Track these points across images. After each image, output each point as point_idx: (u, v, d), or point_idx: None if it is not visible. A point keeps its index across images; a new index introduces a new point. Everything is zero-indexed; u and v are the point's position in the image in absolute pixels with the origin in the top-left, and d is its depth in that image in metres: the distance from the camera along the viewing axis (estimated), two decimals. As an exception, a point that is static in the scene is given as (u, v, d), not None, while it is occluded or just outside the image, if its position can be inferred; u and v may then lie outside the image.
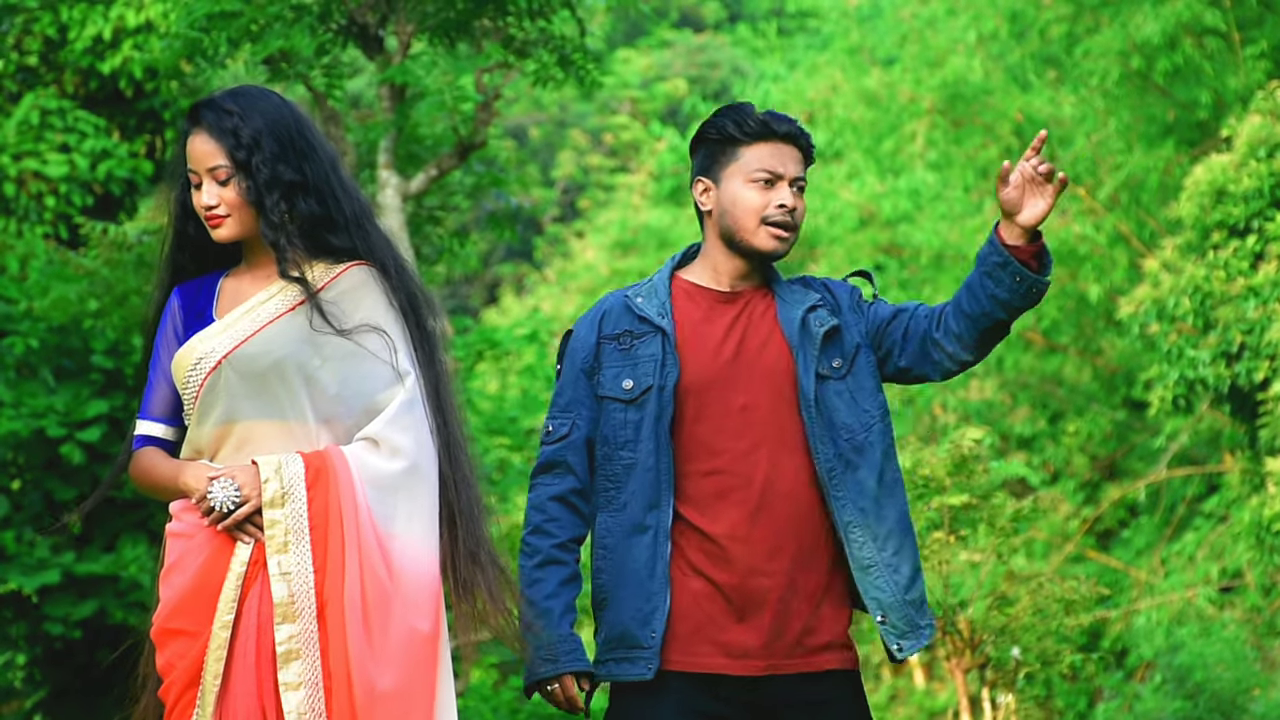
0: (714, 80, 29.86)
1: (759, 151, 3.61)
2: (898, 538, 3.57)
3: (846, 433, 3.58)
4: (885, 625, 3.54)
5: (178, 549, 3.38)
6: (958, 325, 3.55)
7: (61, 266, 10.12)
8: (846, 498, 3.55)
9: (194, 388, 3.36)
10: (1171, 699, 10.61)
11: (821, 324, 3.61)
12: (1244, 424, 11.08)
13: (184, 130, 3.43)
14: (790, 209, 3.61)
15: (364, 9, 8.58)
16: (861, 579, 3.54)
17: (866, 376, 3.63)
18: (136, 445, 3.45)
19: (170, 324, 3.44)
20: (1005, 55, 16.90)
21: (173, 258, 3.51)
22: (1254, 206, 10.69)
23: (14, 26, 13.03)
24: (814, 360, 3.59)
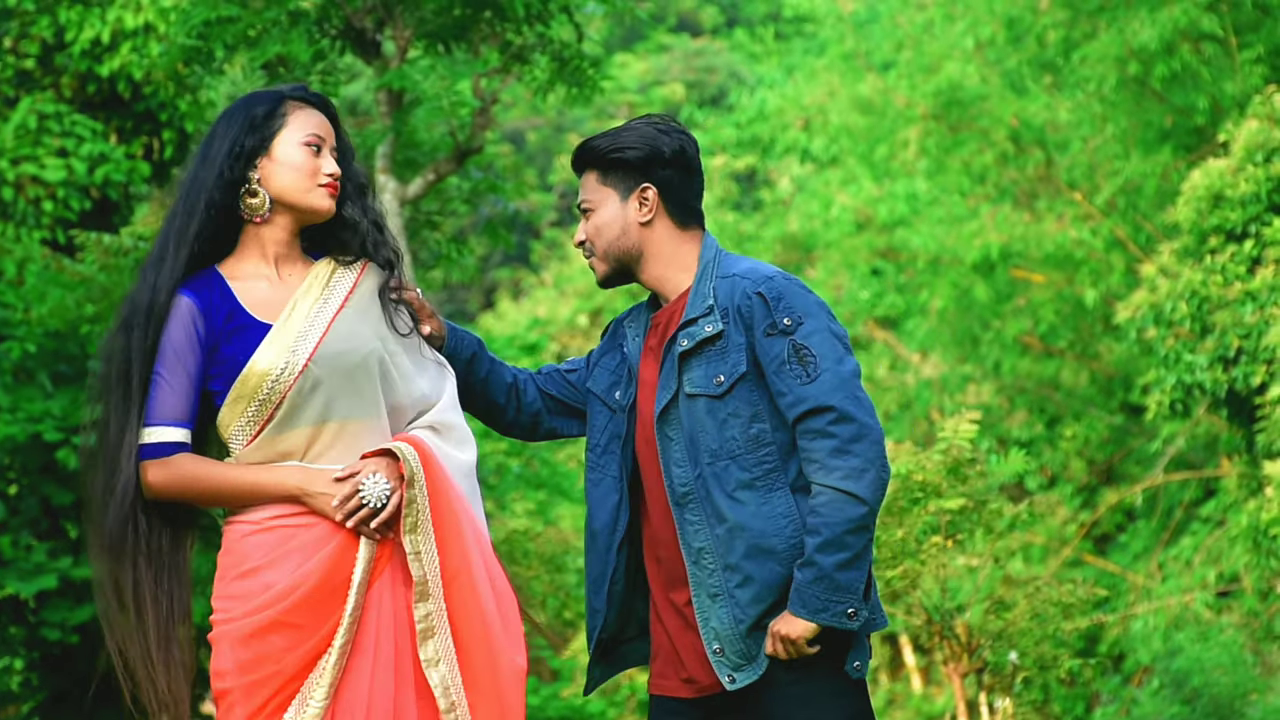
0: (711, 85, 29.87)
1: None
2: (745, 570, 3.45)
3: (709, 455, 3.47)
4: (719, 657, 3.47)
5: (270, 548, 3.36)
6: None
7: (58, 273, 10.12)
8: (700, 523, 3.48)
9: (277, 395, 3.34)
10: (1169, 703, 10.62)
11: (691, 339, 3.51)
12: (1241, 428, 11.08)
13: (285, 100, 3.45)
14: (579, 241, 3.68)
15: (361, 14, 8.58)
16: (705, 606, 3.48)
17: (743, 404, 3.48)
18: (166, 453, 3.34)
19: (190, 326, 3.34)
20: (1002, 61, 16.91)
21: (193, 248, 3.39)
22: (1251, 211, 10.70)
23: (11, 30, 13.03)
24: (671, 378, 3.51)
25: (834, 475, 3.39)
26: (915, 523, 6.89)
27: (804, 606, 3.38)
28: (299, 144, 3.41)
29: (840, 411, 3.41)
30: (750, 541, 3.44)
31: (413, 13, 8.56)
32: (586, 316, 23.71)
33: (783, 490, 3.46)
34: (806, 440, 3.42)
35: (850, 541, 3.38)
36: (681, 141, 3.64)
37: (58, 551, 11.37)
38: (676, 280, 3.61)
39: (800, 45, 24.51)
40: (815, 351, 3.45)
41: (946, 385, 17.90)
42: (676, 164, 3.62)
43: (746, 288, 3.51)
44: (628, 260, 3.62)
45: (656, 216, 3.61)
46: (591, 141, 3.66)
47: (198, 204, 3.37)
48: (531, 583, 10.00)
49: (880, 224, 18.10)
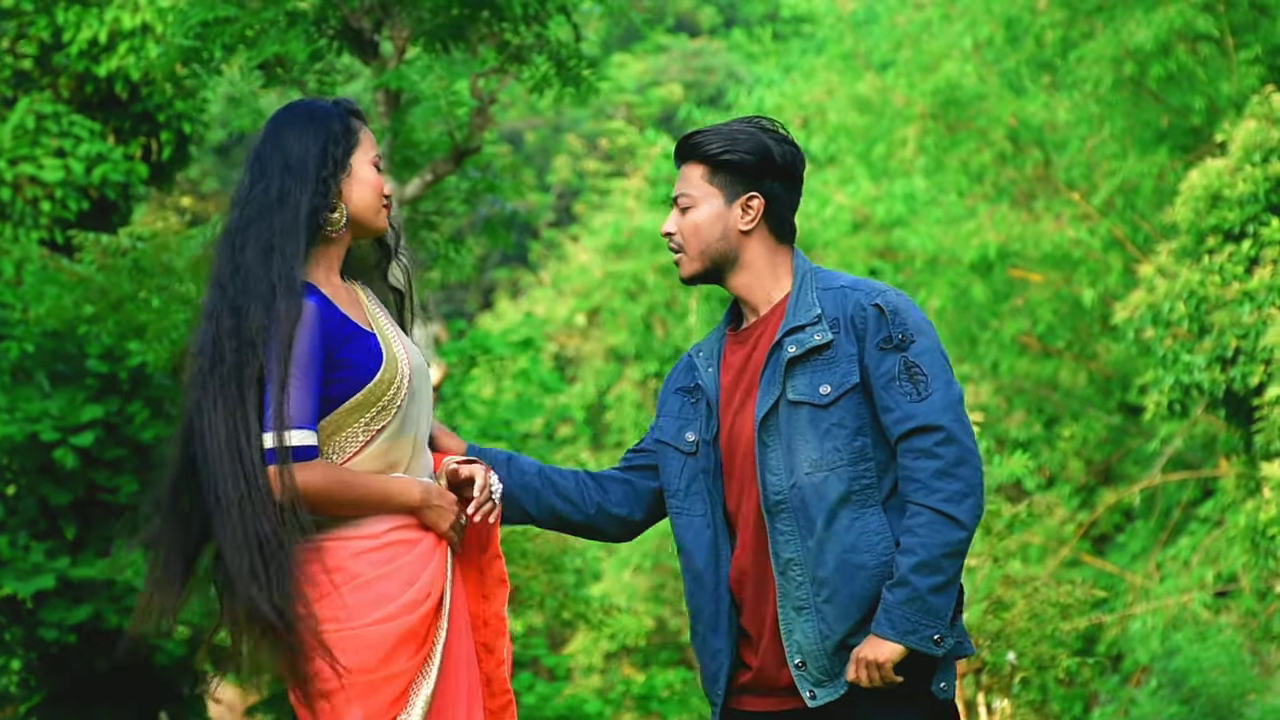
0: (709, 85, 29.87)
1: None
2: (833, 585, 3.41)
3: (808, 465, 3.42)
4: (801, 671, 3.42)
5: (381, 563, 3.39)
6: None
7: (56, 273, 10.11)
8: (791, 534, 3.45)
9: (397, 402, 3.39)
10: (1167, 703, 10.62)
11: (800, 345, 3.46)
12: (1239, 429, 11.08)
13: (351, 117, 3.48)
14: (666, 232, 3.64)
15: (359, 14, 8.58)
16: (790, 619, 3.43)
17: (850, 416, 3.43)
18: (310, 456, 3.32)
19: (317, 330, 3.34)
20: (1000, 61, 16.92)
21: (306, 250, 3.39)
22: (1249, 211, 10.70)
23: (9, 30, 13.02)
24: (775, 384, 3.46)
25: (935, 497, 3.35)
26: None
27: (892, 627, 3.33)
28: (370, 162, 3.47)
29: (948, 433, 3.38)
30: (841, 556, 3.39)
31: (410, 12, 8.55)
32: (584, 316, 23.71)
33: (876, 507, 3.41)
34: (909, 459, 3.38)
35: (945, 565, 3.35)
36: (794, 154, 3.59)
37: (55, 552, 11.36)
38: (768, 292, 3.56)
39: (798, 45, 24.52)
40: (926, 370, 3.41)
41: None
42: (786, 176, 3.58)
43: (860, 299, 3.47)
44: (721, 264, 3.56)
45: (757, 226, 3.56)
46: (703, 135, 3.57)
47: (301, 217, 3.37)
48: (530, 582, 10.00)
49: (878, 223, 18.10)
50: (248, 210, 3.40)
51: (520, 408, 17.13)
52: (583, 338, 23.76)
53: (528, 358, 19.10)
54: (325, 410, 3.36)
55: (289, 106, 3.51)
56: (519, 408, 17.08)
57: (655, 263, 22.75)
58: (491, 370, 17.40)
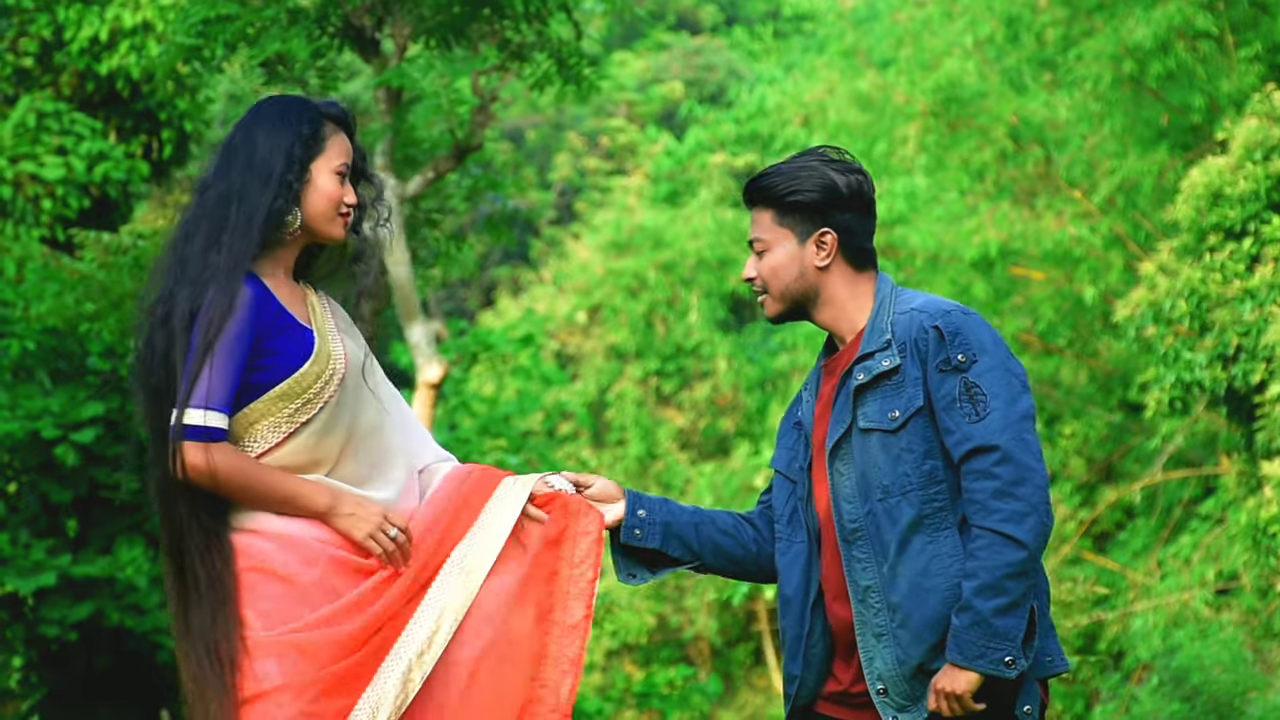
0: (710, 83, 29.87)
1: None
2: (907, 610, 3.41)
3: (880, 492, 3.43)
4: (883, 698, 3.43)
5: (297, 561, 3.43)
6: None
7: (57, 270, 10.13)
8: (868, 560, 3.45)
9: (324, 396, 3.40)
10: (1169, 701, 10.62)
11: (868, 373, 3.47)
12: (1240, 426, 11.08)
13: (325, 122, 3.50)
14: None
15: (360, 12, 8.58)
16: (870, 646, 3.45)
17: (918, 439, 3.43)
18: (215, 437, 3.33)
19: (248, 315, 3.36)
20: (1001, 58, 16.91)
21: (259, 243, 3.42)
22: (1250, 209, 10.69)
23: (10, 28, 13.02)
24: (845, 413, 3.47)
25: (994, 518, 3.34)
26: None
27: (960, 653, 3.33)
28: (332, 171, 3.48)
29: (1005, 452, 3.36)
30: (913, 580, 3.40)
31: (411, 10, 8.56)
32: (585, 313, 23.72)
33: (950, 530, 3.41)
34: (969, 480, 3.37)
35: (1009, 587, 3.33)
36: (860, 181, 3.57)
37: (57, 549, 11.37)
38: (852, 321, 3.57)
39: (799, 43, 24.52)
40: (987, 390, 3.40)
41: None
42: (855, 205, 3.57)
43: (923, 321, 3.46)
44: (803, 302, 3.58)
45: (834, 260, 3.56)
46: (768, 179, 3.57)
47: (256, 216, 3.41)
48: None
49: (879, 221, 18.09)
50: (205, 200, 3.44)
51: (521, 404, 17.14)
52: (584, 335, 23.77)
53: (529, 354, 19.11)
54: (249, 397, 3.37)
55: (267, 101, 3.54)
56: (519, 405, 17.08)
57: (656, 260, 22.76)
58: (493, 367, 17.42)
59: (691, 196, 24.10)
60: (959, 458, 3.39)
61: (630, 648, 21.23)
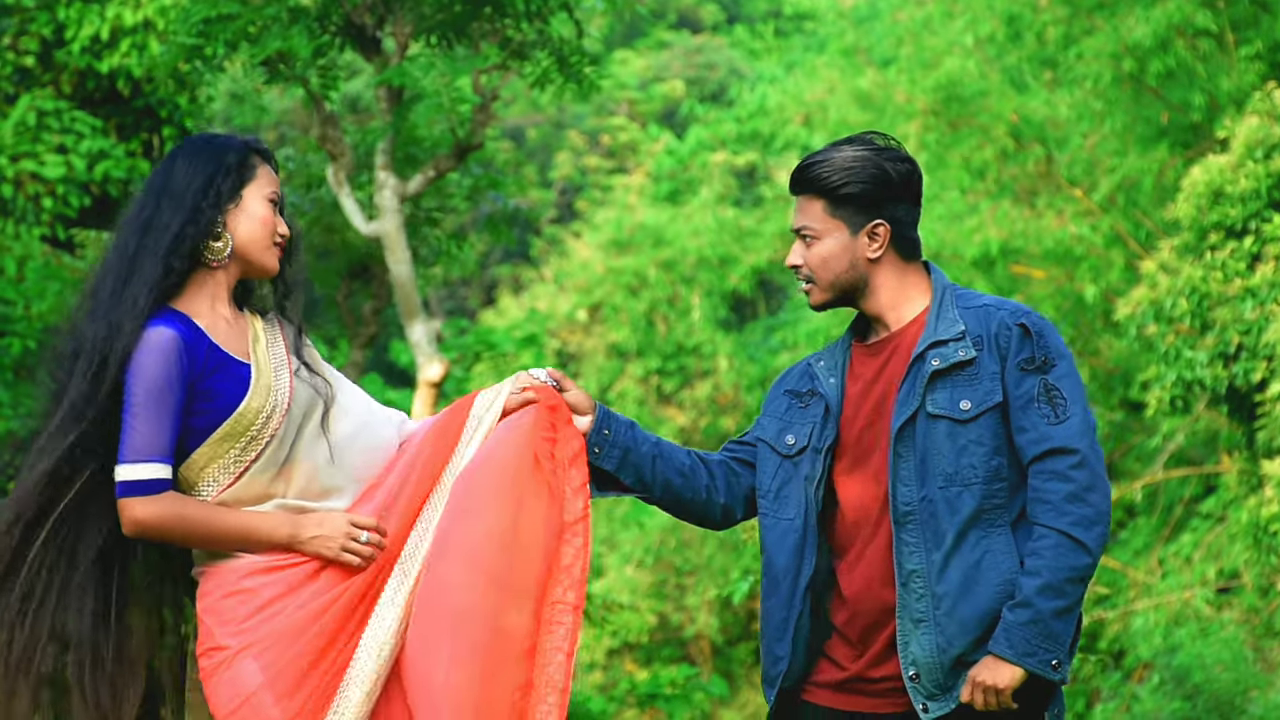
0: (711, 82, 29.87)
1: None
2: (954, 599, 3.40)
3: (942, 479, 3.42)
4: (915, 684, 3.41)
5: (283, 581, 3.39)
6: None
7: (58, 269, 10.12)
8: (917, 545, 3.43)
9: (267, 433, 3.35)
10: (1170, 700, 10.62)
11: (944, 359, 3.45)
12: (1241, 425, 11.08)
13: (251, 152, 3.46)
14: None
15: (361, 11, 8.58)
16: (908, 631, 3.42)
17: (988, 434, 3.42)
18: (156, 489, 3.28)
19: (175, 361, 3.29)
20: (1001, 57, 16.91)
21: (167, 281, 3.35)
22: (1251, 208, 10.69)
23: (10, 27, 13.02)
24: (914, 396, 3.44)
25: (1065, 520, 3.34)
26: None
27: (1011, 648, 3.32)
28: (265, 199, 3.44)
29: (1083, 457, 3.37)
30: (966, 571, 3.38)
31: (413, 9, 8.56)
32: (586, 312, 23.72)
33: (1004, 527, 3.41)
34: (1041, 480, 3.37)
35: (1070, 590, 3.34)
36: (910, 170, 3.56)
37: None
38: (902, 310, 3.55)
39: (800, 41, 24.51)
40: (1066, 395, 3.41)
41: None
42: (906, 196, 3.57)
43: (1005, 318, 3.46)
44: (851, 291, 3.56)
45: (886, 251, 3.55)
46: (820, 168, 3.53)
47: (163, 241, 3.34)
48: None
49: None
50: (120, 235, 3.40)
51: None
52: (585, 334, 23.76)
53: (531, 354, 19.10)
54: (192, 442, 3.32)
55: (190, 139, 3.50)
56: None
57: (657, 259, 22.75)
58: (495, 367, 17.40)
59: (692, 195, 24.10)
60: (1033, 456, 3.39)
61: (631, 647, 21.22)
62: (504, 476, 3.48)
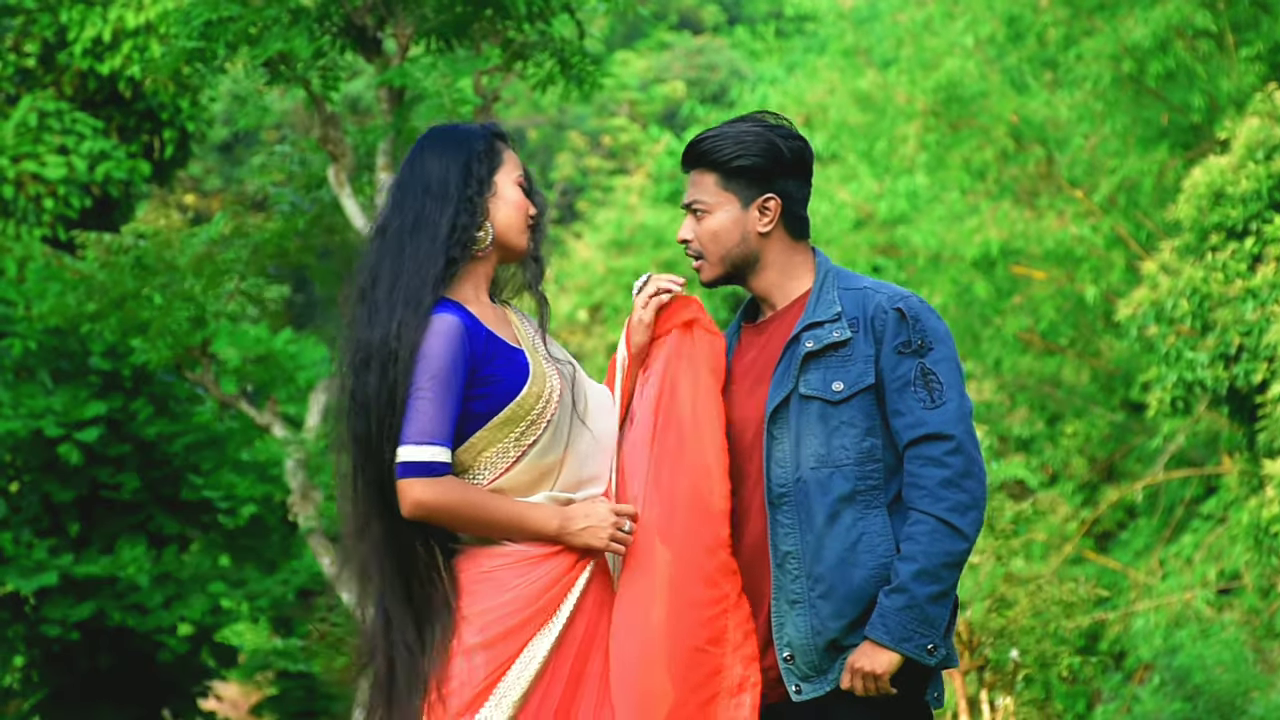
0: (712, 83, 29.87)
1: None
2: (830, 582, 3.40)
3: (814, 460, 3.42)
4: (789, 665, 3.41)
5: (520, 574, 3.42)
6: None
7: (59, 270, 10.13)
8: (792, 526, 3.43)
9: (545, 418, 3.40)
10: (1170, 701, 10.62)
11: (818, 341, 3.46)
12: (1242, 426, 11.07)
13: (494, 137, 3.50)
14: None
15: (362, 12, 8.58)
16: (783, 612, 3.42)
17: (861, 415, 3.43)
18: (437, 472, 3.32)
19: (460, 346, 3.34)
20: (1002, 58, 16.91)
21: (448, 273, 3.40)
22: (1252, 209, 10.69)
23: (13, 28, 13.03)
24: (788, 378, 3.45)
25: (941, 505, 3.36)
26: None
27: (888, 633, 3.33)
28: (515, 182, 3.49)
29: (959, 443, 3.38)
30: (841, 554, 3.39)
31: (414, 10, 8.56)
32: (587, 312, 23.73)
33: (880, 510, 3.41)
34: (916, 465, 3.38)
35: (945, 575, 3.35)
36: (801, 147, 3.59)
37: (58, 549, 11.37)
38: (789, 289, 3.57)
39: (801, 43, 24.52)
40: (943, 379, 3.41)
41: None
42: (797, 173, 3.58)
43: (882, 301, 3.47)
44: (742, 266, 3.57)
45: (775, 227, 3.56)
46: (712, 141, 3.56)
47: (439, 235, 3.38)
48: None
49: (881, 220, 18.10)
50: (385, 240, 3.42)
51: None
52: (585, 334, 23.77)
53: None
54: (472, 426, 3.36)
55: (431, 131, 3.52)
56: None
57: (658, 259, 22.74)
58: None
59: (693, 196, 24.09)
60: (909, 441, 3.39)
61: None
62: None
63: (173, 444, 11.68)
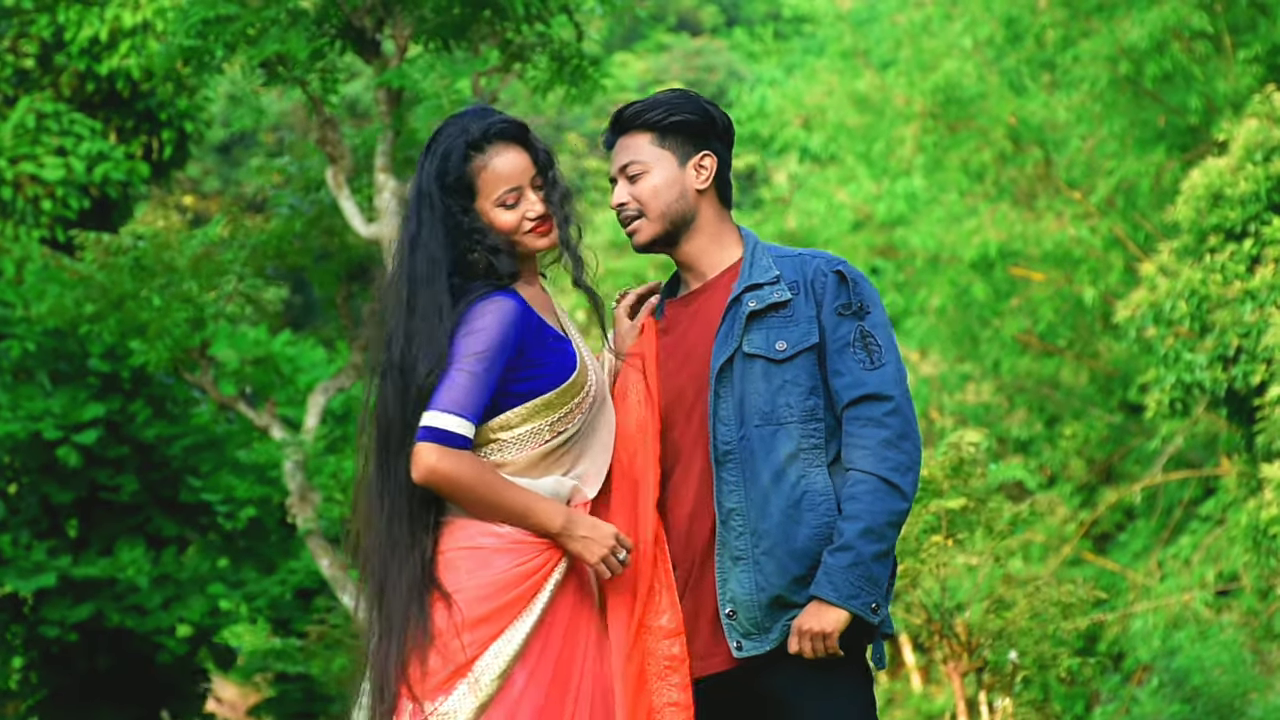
0: (711, 84, 29.88)
1: None
2: (773, 538, 3.42)
3: (758, 418, 3.45)
4: (731, 621, 3.43)
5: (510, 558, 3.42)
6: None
7: (57, 271, 10.13)
8: (736, 483, 3.45)
9: (584, 406, 3.45)
10: (1169, 702, 10.62)
11: (760, 300, 3.49)
12: (1240, 427, 11.08)
13: (473, 155, 3.48)
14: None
15: (361, 13, 8.58)
16: (726, 569, 3.44)
17: (804, 374, 3.46)
18: (458, 444, 3.34)
19: (513, 327, 3.39)
20: (1000, 60, 16.92)
21: (463, 267, 3.46)
22: (1251, 210, 10.69)
23: (10, 29, 13.02)
24: (732, 337, 3.48)
25: (883, 466, 3.39)
26: (916, 522, 6.90)
27: (835, 591, 3.35)
28: (496, 204, 3.51)
29: (897, 405, 3.42)
30: (785, 511, 3.41)
31: (412, 11, 8.56)
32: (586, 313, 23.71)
33: (823, 468, 3.44)
34: (857, 426, 3.42)
35: (888, 534, 3.38)
36: (728, 118, 3.66)
37: (57, 550, 11.37)
38: (718, 258, 3.61)
39: (799, 44, 24.52)
40: (880, 341, 3.46)
41: (946, 384, 17.91)
42: (725, 138, 3.65)
43: (821, 265, 3.52)
44: (680, 224, 3.60)
45: (709, 188, 3.61)
46: (643, 105, 3.61)
47: (441, 246, 3.46)
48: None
49: (879, 222, 18.11)
50: (400, 247, 3.49)
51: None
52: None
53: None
54: (509, 403, 3.39)
55: (433, 134, 3.56)
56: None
57: (656, 260, 22.75)
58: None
59: (691, 197, 24.11)
60: (848, 401, 3.43)
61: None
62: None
63: (171, 446, 11.68)
